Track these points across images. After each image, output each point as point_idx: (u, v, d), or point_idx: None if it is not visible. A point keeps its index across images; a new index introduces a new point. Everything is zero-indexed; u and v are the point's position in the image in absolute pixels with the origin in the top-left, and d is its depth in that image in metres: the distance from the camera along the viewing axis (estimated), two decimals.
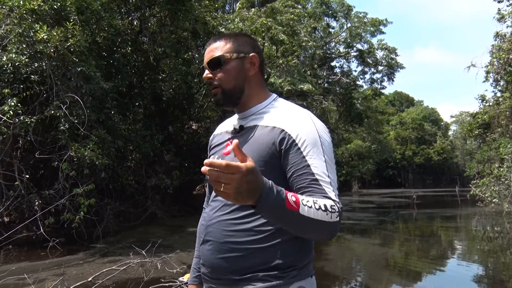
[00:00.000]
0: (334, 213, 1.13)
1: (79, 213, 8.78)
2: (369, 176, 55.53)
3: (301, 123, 1.26)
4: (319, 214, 1.10)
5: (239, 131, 1.37)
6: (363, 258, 9.49)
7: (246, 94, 1.38)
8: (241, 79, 1.37)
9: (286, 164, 1.24)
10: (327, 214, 1.11)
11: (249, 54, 1.38)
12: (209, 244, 1.34)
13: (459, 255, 9.84)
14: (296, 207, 1.06)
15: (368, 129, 42.57)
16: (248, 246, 1.25)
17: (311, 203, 1.10)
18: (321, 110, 20.54)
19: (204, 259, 1.36)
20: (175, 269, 5.11)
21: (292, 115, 1.30)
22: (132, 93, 14.36)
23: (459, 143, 60.02)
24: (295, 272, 1.27)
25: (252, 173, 0.95)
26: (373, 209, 23.64)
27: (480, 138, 22.41)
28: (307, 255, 1.32)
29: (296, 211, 1.06)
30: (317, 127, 1.27)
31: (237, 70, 1.36)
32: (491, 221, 16.81)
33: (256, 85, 1.40)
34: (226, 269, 1.28)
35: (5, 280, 5.52)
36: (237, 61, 1.36)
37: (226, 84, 1.35)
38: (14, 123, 8.55)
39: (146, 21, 14.62)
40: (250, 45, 1.40)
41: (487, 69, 19.48)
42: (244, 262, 1.26)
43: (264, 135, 1.28)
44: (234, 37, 1.40)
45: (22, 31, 8.79)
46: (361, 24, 27.48)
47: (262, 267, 1.25)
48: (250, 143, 1.29)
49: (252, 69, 1.38)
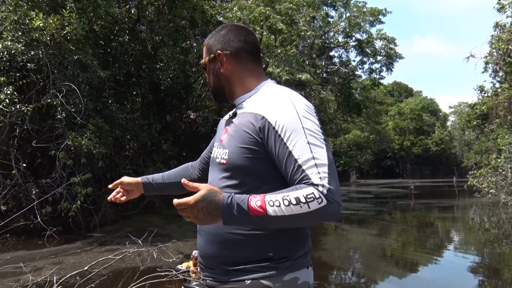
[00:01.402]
0: (313, 201, 1.10)
1: (76, 202, 8.78)
2: (367, 166, 55.66)
3: (279, 108, 1.23)
4: (291, 210, 1.10)
5: (232, 118, 1.38)
6: (360, 248, 9.54)
7: (228, 90, 1.41)
8: (216, 79, 1.41)
9: (270, 153, 1.23)
10: (301, 206, 1.10)
11: (215, 53, 1.39)
12: (204, 234, 1.35)
13: (456, 246, 9.90)
14: (262, 211, 1.11)
15: (366, 119, 42.51)
16: (240, 238, 1.26)
17: (279, 201, 1.11)
18: (320, 100, 20.50)
19: (200, 249, 1.38)
20: (171, 258, 5.12)
21: (271, 100, 1.27)
22: (129, 82, 14.27)
23: (457, 134, 60.03)
24: (289, 263, 1.26)
25: (202, 201, 1.10)
26: (370, 199, 23.74)
27: (478, 129, 22.41)
28: (301, 246, 1.31)
29: (264, 215, 1.11)
30: (297, 108, 1.23)
31: (211, 71, 1.42)
32: (488, 212, 16.90)
33: (238, 78, 1.39)
34: (219, 259, 1.30)
35: (3, 269, 5.53)
36: (211, 63, 1.41)
37: (210, 85, 1.45)
38: (11, 112, 8.49)
39: (144, 9, 14.46)
40: (221, 41, 1.40)
41: (486, 59, 19.39)
42: (237, 253, 1.27)
43: (247, 122, 1.28)
44: (213, 35, 1.43)
45: (18, 19, 8.68)
46: (360, 13, 27.24)
47: (255, 258, 1.25)
48: (237, 130, 1.30)
49: (222, 67, 1.39)
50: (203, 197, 1.10)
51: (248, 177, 1.26)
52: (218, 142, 1.40)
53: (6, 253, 7.67)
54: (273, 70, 15.56)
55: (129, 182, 1.71)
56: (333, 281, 6.52)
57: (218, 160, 1.34)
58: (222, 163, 1.31)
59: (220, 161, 1.32)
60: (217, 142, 1.43)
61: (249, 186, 1.25)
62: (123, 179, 1.72)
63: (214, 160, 1.38)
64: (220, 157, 1.33)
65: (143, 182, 1.73)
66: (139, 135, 13.03)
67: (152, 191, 1.77)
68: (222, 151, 1.33)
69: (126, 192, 1.73)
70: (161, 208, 14.20)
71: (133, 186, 1.72)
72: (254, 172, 1.25)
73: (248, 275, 1.24)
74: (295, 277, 1.26)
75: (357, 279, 6.78)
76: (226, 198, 1.12)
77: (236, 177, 1.27)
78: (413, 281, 6.64)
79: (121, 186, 1.72)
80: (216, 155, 1.37)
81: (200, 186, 1.13)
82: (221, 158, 1.32)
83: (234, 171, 1.27)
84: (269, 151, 1.23)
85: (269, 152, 1.23)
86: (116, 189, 1.74)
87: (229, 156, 1.28)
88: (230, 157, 1.28)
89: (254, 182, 1.25)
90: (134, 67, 14.77)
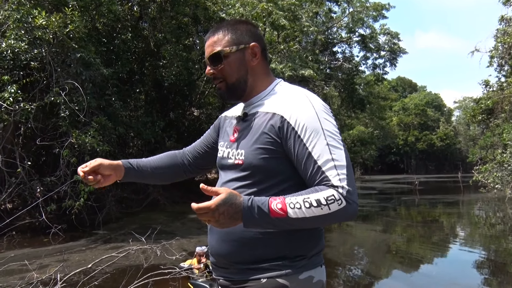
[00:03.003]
0: (333, 203, 1.12)
1: (79, 200, 8.81)
2: (372, 162, 55.52)
3: (299, 108, 1.23)
4: (312, 212, 1.12)
5: (243, 118, 1.36)
6: (365, 245, 9.52)
7: (250, 85, 1.36)
8: (243, 71, 1.34)
9: (289, 152, 1.23)
10: (321, 208, 1.12)
11: (249, 44, 1.34)
12: (216, 233, 1.32)
13: (461, 241, 9.85)
14: (283, 213, 1.11)
15: (370, 115, 42.39)
16: (255, 236, 1.24)
17: (300, 204, 1.12)
18: (323, 95, 20.41)
19: (212, 249, 1.36)
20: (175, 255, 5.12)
21: (290, 100, 1.26)
22: (133, 80, 14.28)
23: (462, 129, 59.68)
24: (304, 261, 1.26)
25: (223, 205, 1.09)
26: (375, 195, 23.68)
27: (483, 124, 22.27)
28: (316, 245, 1.31)
29: (284, 217, 1.12)
30: (316, 109, 1.23)
31: (238, 62, 1.33)
32: (493, 207, 16.81)
33: (260, 74, 1.37)
34: (233, 258, 1.28)
35: (8, 266, 5.55)
36: (238, 53, 1.33)
37: (229, 78, 1.33)
38: (15, 110, 8.51)
39: (146, 6, 14.45)
40: (250, 33, 1.36)
41: (491, 54, 19.26)
42: (251, 251, 1.25)
43: (264, 122, 1.27)
44: (233, 27, 1.35)
45: (21, 17, 8.69)
46: (363, 8, 27.12)
47: (271, 256, 1.24)
48: (253, 130, 1.29)
49: (254, 59, 1.35)
50: (224, 200, 1.09)
51: (265, 176, 1.25)
52: (227, 142, 1.39)
53: (12, 251, 7.72)
54: (276, 66, 15.51)
55: (108, 165, 1.45)
56: (338, 277, 6.50)
57: (232, 160, 1.32)
58: (238, 164, 1.29)
59: (234, 161, 1.31)
60: (225, 141, 1.41)
61: (265, 185, 1.25)
62: (101, 162, 1.43)
63: (225, 161, 1.36)
64: (234, 158, 1.31)
65: (126, 167, 1.52)
66: (143, 132, 13.05)
67: (131, 177, 1.56)
68: (235, 152, 1.32)
69: (102, 177, 1.45)
70: (166, 205, 14.24)
71: (113, 169, 1.47)
72: (272, 172, 1.25)
73: (264, 273, 1.23)
74: (310, 275, 1.26)
75: (362, 276, 6.76)
76: (247, 201, 1.12)
77: (252, 177, 1.26)
78: (418, 277, 6.61)
79: (99, 170, 1.43)
80: (227, 155, 1.35)
81: (220, 190, 1.11)
82: (235, 159, 1.31)
83: (251, 171, 1.26)
84: (288, 151, 1.23)
85: (287, 152, 1.23)
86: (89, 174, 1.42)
87: (245, 157, 1.27)
88: (247, 157, 1.27)
89: (270, 181, 1.25)
90: (137, 64, 14.78)
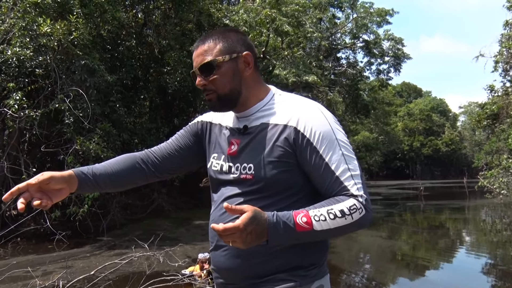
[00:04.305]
0: (356, 212, 1.13)
1: (83, 207, 8.82)
2: (377, 167, 55.27)
3: (312, 119, 1.21)
4: (337, 222, 1.12)
5: (244, 131, 1.29)
6: (370, 251, 9.45)
7: (244, 96, 1.29)
8: (237, 81, 1.27)
9: (304, 163, 1.20)
10: (345, 218, 1.12)
11: (242, 53, 1.27)
12: (224, 249, 1.25)
13: (467, 247, 9.76)
14: (308, 227, 1.10)
15: (375, 120, 42.25)
16: (269, 249, 1.18)
17: (324, 215, 1.11)
18: (327, 101, 20.41)
19: (219, 265, 1.28)
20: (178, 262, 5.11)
21: (302, 111, 1.23)
22: (137, 86, 14.35)
23: (467, 134, 59.30)
24: (316, 270, 1.25)
25: (251, 224, 1.04)
26: (380, 201, 23.55)
27: (488, 129, 22.12)
28: (325, 252, 1.31)
29: (310, 230, 1.10)
30: (328, 119, 1.22)
31: (232, 72, 1.26)
32: (499, 213, 16.66)
33: (254, 83, 1.31)
34: (246, 272, 1.22)
35: (13, 273, 5.56)
36: (230, 63, 1.26)
37: (221, 89, 1.26)
38: (20, 117, 8.57)
39: (151, 13, 14.55)
40: (241, 42, 1.30)
41: (496, 58, 19.15)
42: (266, 265, 1.21)
43: (275, 134, 1.22)
44: (223, 35, 1.29)
45: (26, 25, 8.78)
46: (367, 14, 27.15)
47: (285, 268, 1.21)
48: (261, 143, 1.23)
49: (247, 68, 1.29)
50: (251, 219, 1.04)
51: (277, 190, 1.21)
52: (223, 155, 1.32)
53: (17, 257, 7.74)
54: (279, 72, 15.53)
55: (60, 177, 1.21)
56: (343, 284, 6.45)
57: (235, 175, 1.26)
58: (246, 179, 1.23)
59: (240, 176, 1.24)
60: (219, 154, 1.34)
61: (276, 198, 1.21)
62: (52, 175, 1.19)
63: (225, 176, 1.29)
64: (239, 172, 1.25)
65: (79, 178, 1.28)
66: (147, 138, 13.07)
67: (87, 189, 1.34)
68: (239, 166, 1.26)
69: (52, 192, 1.20)
70: (170, 212, 14.23)
71: (65, 182, 1.23)
72: (285, 185, 1.21)
73: (277, 285, 1.20)
74: (320, 284, 1.25)
75: (367, 283, 6.70)
76: (271, 216, 1.08)
77: (263, 192, 1.21)
78: (424, 284, 6.55)
79: (47, 186, 1.18)
80: (227, 170, 1.29)
81: (245, 208, 1.06)
82: (240, 173, 1.25)
83: (262, 185, 1.21)
84: (302, 162, 1.20)
85: (302, 164, 1.21)
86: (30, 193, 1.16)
87: (256, 171, 1.21)
88: (258, 171, 1.21)
89: (282, 194, 1.21)
90: (142, 71, 14.85)
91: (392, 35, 28.45)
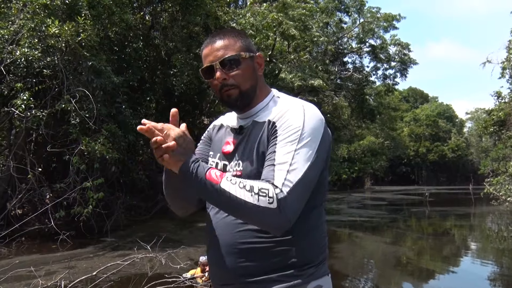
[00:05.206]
0: (264, 197, 1.07)
1: (88, 207, 8.85)
2: (382, 173, 54.96)
3: (290, 115, 1.22)
4: (242, 193, 1.08)
5: (239, 131, 1.34)
6: (374, 257, 9.39)
7: (256, 95, 1.34)
8: (255, 79, 1.32)
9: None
10: (251, 195, 1.07)
11: (256, 53, 1.35)
12: (217, 247, 1.27)
13: (472, 255, 9.67)
14: (217, 180, 1.10)
15: (381, 125, 42.17)
16: (260, 246, 1.20)
17: (236, 181, 1.10)
18: (333, 106, 20.39)
19: (213, 264, 1.31)
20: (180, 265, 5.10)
21: (287, 108, 1.25)
22: (143, 88, 14.40)
23: (474, 140, 58.89)
24: (312, 269, 1.23)
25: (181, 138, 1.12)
26: (385, 206, 23.43)
27: (495, 136, 21.99)
28: (322, 251, 1.29)
29: (216, 184, 1.09)
30: (305, 118, 1.20)
31: (251, 69, 1.31)
32: (505, 220, 16.52)
33: (262, 85, 1.36)
34: (239, 271, 1.22)
35: (16, 272, 5.59)
36: (250, 61, 1.31)
37: (243, 84, 1.29)
38: (27, 117, 8.63)
39: (158, 16, 14.62)
40: (252, 45, 1.37)
41: (503, 65, 19.08)
42: (258, 263, 1.20)
43: (261, 130, 1.26)
44: (239, 34, 1.35)
45: (35, 26, 8.85)
46: (374, 19, 27.14)
47: (278, 267, 1.20)
48: (250, 141, 1.28)
49: (260, 69, 1.35)
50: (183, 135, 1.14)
51: None
52: (219, 154, 1.37)
53: (21, 256, 7.77)
54: (285, 76, 15.55)
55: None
56: None
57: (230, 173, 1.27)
58: (237, 175, 1.25)
59: (232, 174, 1.27)
60: (216, 153, 1.39)
61: None
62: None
63: None
64: (232, 170, 1.28)
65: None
66: None
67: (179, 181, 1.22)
68: (233, 163, 1.29)
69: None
70: (174, 214, 14.22)
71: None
72: None
73: (272, 285, 1.19)
74: (318, 285, 1.24)
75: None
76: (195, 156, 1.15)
77: None
78: None
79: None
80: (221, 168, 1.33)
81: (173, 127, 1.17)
82: (233, 171, 1.28)
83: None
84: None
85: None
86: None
87: (244, 167, 1.25)
88: (244, 167, 1.25)
89: None
90: (148, 73, 14.91)
91: (399, 40, 28.42)
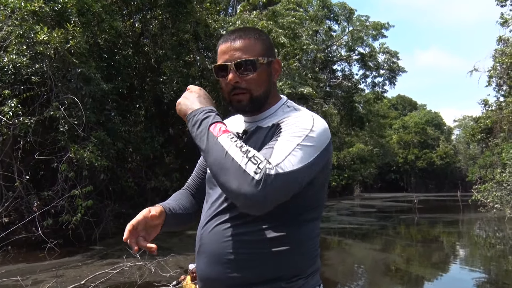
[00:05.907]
0: (253, 166, 1.02)
1: (76, 215, 8.75)
2: (371, 180, 55.24)
3: (299, 118, 1.19)
4: (235, 151, 1.05)
5: (242, 136, 1.30)
6: (364, 264, 9.42)
7: (268, 101, 1.29)
8: (268, 85, 1.26)
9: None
10: (242, 156, 1.03)
11: (275, 58, 1.29)
12: (205, 256, 1.23)
13: (461, 261, 9.75)
14: (218, 133, 1.09)
15: (370, 132, 42.46)
16: (248, 257, 1.16)
17: (235, 139, 1.09)
18: (322, 113, 20.49)
19: (201, 272, 1.26)
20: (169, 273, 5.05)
21: (294, 115, 1.22)
22: (132, 95, 14.36)
23: (462, 148, 59.59)
24: (302, 281, 1.18)
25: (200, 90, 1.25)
26: (374, 213, 23.53)
27: (482, 143, 22.31)
28: (312, 263, 1.23)
29: (216, 137, 1.09)
30: (315, 125, 1.16)
31: (266, 75, 1.25)
32: (493, 227, 16.70)
33: (274, 91, 1.31)
34: (225, 281, 1.18)
35: (3, 281, 5.49)
36: (267, 66, 1.25)
37: (256, 90, 1.23)
38: (14, 124, 8.53)
39: (148, 23, 14.62)
40: (273, 47, 1.31)
41: (490, 73, 19.40)
42: (244, 273, 1.16)
43: (262, 135, 1.23)
44: (261, 36, 1.28)
45: (23, 33, 8.79)
46: (363, 27, 27.47)
47: (265, 278, 1.15)
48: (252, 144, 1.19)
49: (276, 75, 1.30)
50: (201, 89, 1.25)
51: None
52: None
53: (7, 266, 7.63)
54: None
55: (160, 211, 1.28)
56: None
57: None
58: None
59: None
60: None
61: None
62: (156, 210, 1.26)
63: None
64: None
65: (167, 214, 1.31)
66: (142, 147, 13.04)
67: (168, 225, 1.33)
68: None
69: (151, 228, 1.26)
70: None
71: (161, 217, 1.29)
72: None
73: None
74: None
75: None
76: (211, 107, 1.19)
77: None
78: None
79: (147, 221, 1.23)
80: None
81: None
82: None
83: None
84: None
85: None
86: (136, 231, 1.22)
87: None
88: None
89: None
90: (137, 80, 14.87)
91: (388, 48, 28.80)
